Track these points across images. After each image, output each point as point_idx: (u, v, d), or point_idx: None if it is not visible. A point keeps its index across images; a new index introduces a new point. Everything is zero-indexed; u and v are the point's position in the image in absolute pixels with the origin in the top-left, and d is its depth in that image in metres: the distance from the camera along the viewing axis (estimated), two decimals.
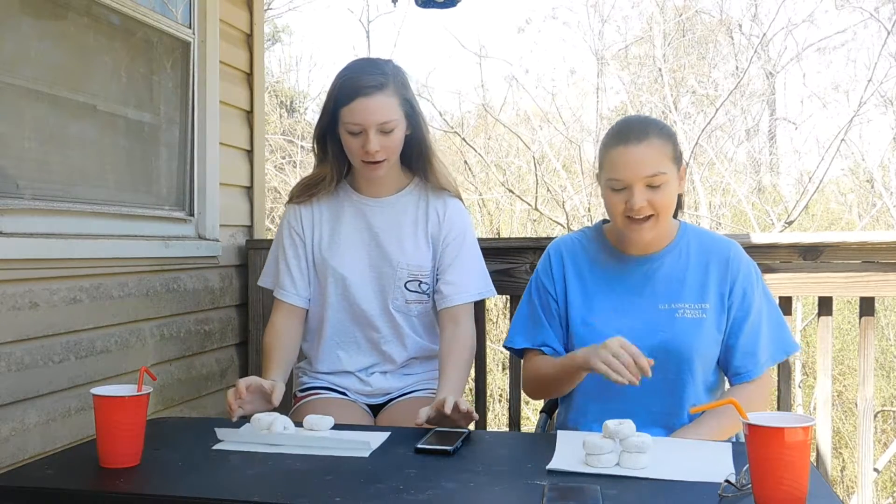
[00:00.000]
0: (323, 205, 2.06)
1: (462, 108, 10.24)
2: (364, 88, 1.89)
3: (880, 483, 6.28)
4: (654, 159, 1.65)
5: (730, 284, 1.73)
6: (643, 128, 1.69)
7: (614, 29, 11.21)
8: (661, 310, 1.73)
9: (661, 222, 1.69)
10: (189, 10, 2.55)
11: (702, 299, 1.73)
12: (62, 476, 1.36)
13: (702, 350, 1.71)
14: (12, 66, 1.91)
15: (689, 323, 1.71)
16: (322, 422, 1.57)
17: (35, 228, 1.91)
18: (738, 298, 1.73)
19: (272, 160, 9.55)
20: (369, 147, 1.89)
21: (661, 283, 1.74)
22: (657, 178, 1.65)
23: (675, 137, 1.73)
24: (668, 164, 1.67)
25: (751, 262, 1.78)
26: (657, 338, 1.71)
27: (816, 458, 2.37)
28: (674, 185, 1.69)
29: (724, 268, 1.74)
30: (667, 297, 1.73)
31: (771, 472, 1.13)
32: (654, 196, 1.66)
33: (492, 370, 7.84)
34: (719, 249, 1.77)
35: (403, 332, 2.05)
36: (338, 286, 2.03)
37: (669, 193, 1.68)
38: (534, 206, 8.44)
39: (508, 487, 1.28)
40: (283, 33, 12.06)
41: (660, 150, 1.66)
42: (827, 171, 7.67)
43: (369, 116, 1.89)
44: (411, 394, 2.08)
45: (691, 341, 1.71)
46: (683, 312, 1.72)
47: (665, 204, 1.67)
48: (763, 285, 1.78)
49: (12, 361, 1.82)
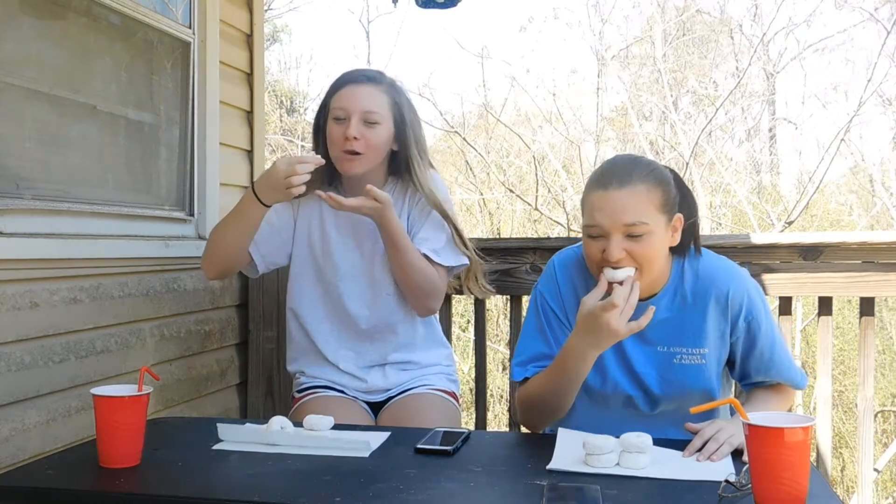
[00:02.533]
0: (313, 202, 2.06)
1: (463, 108, 10.24)
2: (357, 77, 1.96)
3: (880, 483, 6.28)
4: (636, 207, 1.50)
5: (730, 322, 1.62)
6: (628, 171, 1.54)
7: (615, 29, 11.22)
8: (660, 352, 1.64)
9: (644, 275, 1.54)
10: (189, 10, 2.55)
11: (699, 343, 1.62)
12: (62, 476, 1.36)
13: (701, 392, 1.65)
14: (12, 66, 1.91)
15: (687, 369, 1.63)
16: (322, 422, 1.57)
17: (35, 228, 1.91)
18: (743, 332, 1.63)
19: (272, 160, 9.55)
20: (349, 132, 1.89)
21: (657, 327, 1.59)
22: (637, 227, 1.50)
23: (666, 183, 1.56)
24: (653, 213, 1.52)
25: (755, 295, 1.64)
26: (657, 379, 1.64)
27: (816, 458, 2.37)
28: (660, 237, 1.54)
29: (724, 306, 1.62)
30: (664, 341, 1.63)
31: (771, 472, 1.13)
32: (633, 246, 1.51)
33: (492, 370, 7.84)
34: (718, 287, 1.62)
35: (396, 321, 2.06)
36: (326, 283, 2.05)
37: (652, 245, 1.52)
38: (534, 207, 8.45)
39: (508, 487, 1.28)
40: (283, 33, 12.08)
41: (644, 196, 1.51)
42: (827, 172, 7.67)
43: (356, 102, 1.91)
44: (410, 391, 2.08)
45: (690, 386, 1.63)
46: (681, 358, 1.63)
47: (647, 257, 1.52)
48: (769, 318, 1.65)
49: (12, 361, 1.82)
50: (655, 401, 1.66)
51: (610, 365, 1.65)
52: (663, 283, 1.63)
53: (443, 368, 2.16)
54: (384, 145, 1.97)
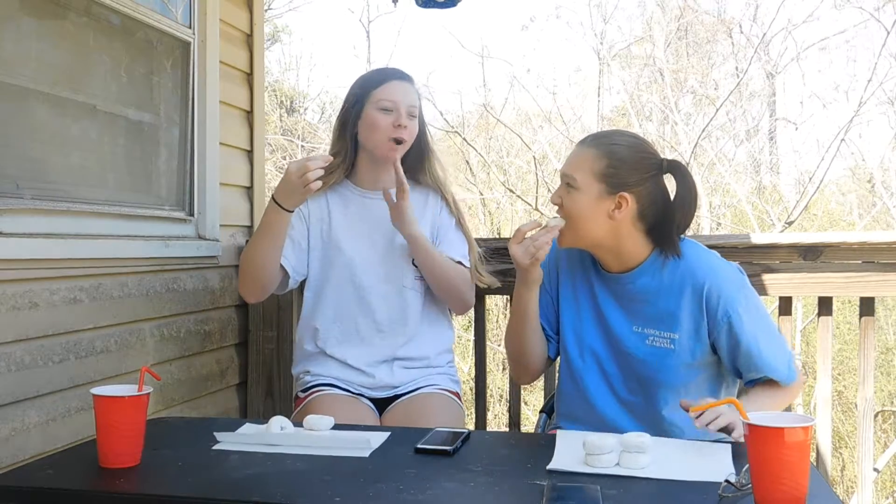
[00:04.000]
0: (328, 196, 2.15)
1: (463, 107, 10.23)
2: (398, 74, 2.14)
3: (880, 483, 6.28)
4: (576, 164, 1.69)
5: (707, 318, 1.66)
6: (597, 137, 1.75)
7: (615, 29, 11.22)
8: (635, 332, 1.73)
9: (570, 229, 1.70)
10: (189, 10, 2.54)
11: (670, 328, 1.69)
12: (62, 476, 1.36)
13: (667, 380, 1.70)
14: (12, 66, 1.91)
15: (657, 352, 1.70)
16: (322, 422, 1.57)
17: (35, 228, 1.91)
18: (724, 328, 1.65)
19: (272, 160, 9.56)
20: (402, 121, 2.05)
21: (634, 305, 1.73)
22: (569, 179, 1.69)
23: (618, 160, 1.66)
24: (588, 176, 1.67)
25: (734, 292, 1.66)
26: (629, 359, 1.73)
27: (816, 458, 2.37)
28: (587, 199, 1.67)
29: (700, 300, 1.66)
30: (640, 321, 1.72)
31: (771, 472, 1.13)
32: (565, 197, 1.70)
33: (492, 370, 7.85)
34: (696, 280, 1.67)
35: (408, 315, 2.10)
36: (343, 270, 2.10)
37: (576, 202, 1.68)
38: (534, 207, 8.45)
39: (508, 487, 1.28)
40: (283, 33, 12.07)
41: (588, 159, 1.68)
42: (827, 172, 7.68)
43: (404, 96, 2.08)
44: (418, 391, 2.10)
45: (655, 371, 1.70)
46: (653, 341, 1.70)
47: (570, 210, 1.69)
48: (754, 313, 1.67)
49: (12, 361, 1.82)
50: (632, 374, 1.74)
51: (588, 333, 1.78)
52: (636, 262, 1.72)
53: (446, 369, 2.19)
54: (416, 132, 2.12)
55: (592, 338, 1.78)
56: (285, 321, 2.71)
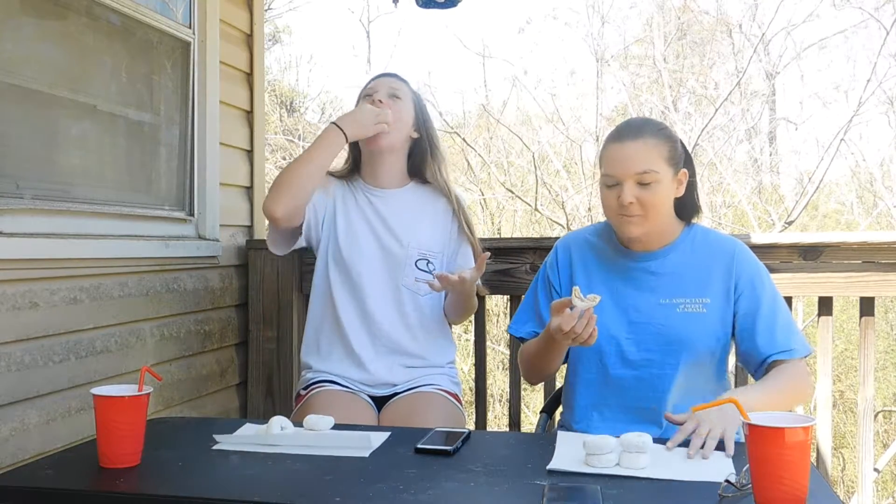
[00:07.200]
0: (338, 187, 2.21)
1: (463, 108, 10.23)
2: (386, 73, 2.27)
3: (880, 483, 6.28)
4: (646, 157, 1.67)
5: (734, 279, 1.74)
6: (640, 126, 1.72)
7: (614, 29, 11.22)
8: (662, 304, 1.74)
9: (649, 220, 1.70)
10: (189, 10, 2.55)
11: (702, 293, 1.73)
12: (62, 476, 1.36)
13: (700, 342, 1.72)
14: (12, 66, 1.91)
15: (688, 317, 1.73)
16: (322, 422, 1.57)
17: (35, 228, 1.91)
18: (748, 289, 1.73)
19: (272, 160, 9.55)
20: (379, 96, 2.14)
21: (662, 280, 1.75)
22: (647, 175, 1.66)
23: (675, 141, 1.73)
24: (661, 163, 1.68)
25: (758, 262, 1.78)
26: (656, 329, 1.73)
27: (816, 458, 2.37)
28: (666, 186, 1.69)
29: (729, 263, 1.74)
30: (667, 293, 1.75)
31: (771, 472, 1.13)
32: (642, 193, 1.67)
33: (492, 371, 7.85)
34: (724, 247, 1.78)
35: (407, 313, 2.11)
36: (345, 268, 2.12)
37: (659, 193, 1.68)
38: (534, 207, 8.45)
39: (508, 487, 1.28)
40: (283, 33, 12.06)
41: (654, 148, 1.68)
42: (827, 172, 7.67)
43: (385, 82, 2.20)
44: (416, 389, 2.10)
45: (689, 333, 1.72)
46: (684, 307, 1.73)
47: (652, 202, 1.68)
48: (772, 285, 1.76)
49: (12, 361, 1.82)
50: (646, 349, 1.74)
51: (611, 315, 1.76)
52: (672, 239, 1.77)
53: (446, 370, 2.20)
54: (406, 125, 2.17)
55: (614, 321, 1.76)
56: (285, 321, 2.71)
